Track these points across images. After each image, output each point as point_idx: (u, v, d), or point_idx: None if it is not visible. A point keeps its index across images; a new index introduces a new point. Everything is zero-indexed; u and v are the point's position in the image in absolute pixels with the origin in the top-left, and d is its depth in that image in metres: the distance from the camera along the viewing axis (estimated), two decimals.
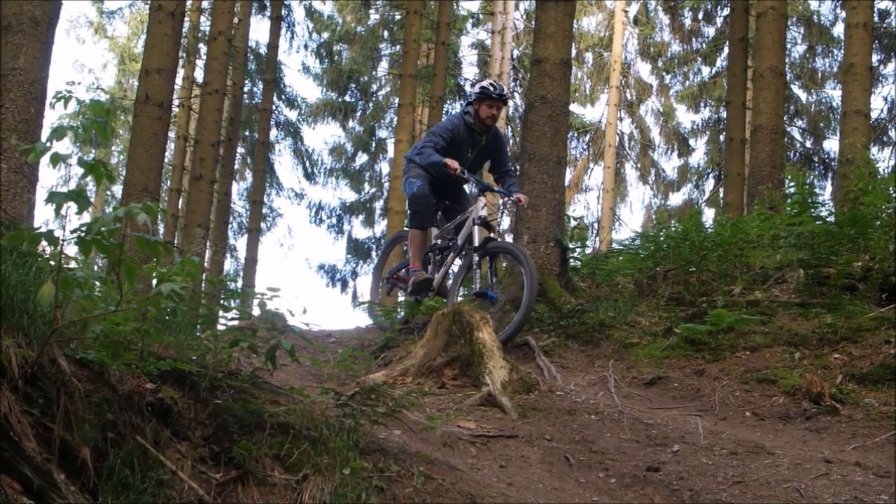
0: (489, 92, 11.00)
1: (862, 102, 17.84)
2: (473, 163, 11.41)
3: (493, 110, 11.07)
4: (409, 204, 11.56)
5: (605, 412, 8.53)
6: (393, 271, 12.28)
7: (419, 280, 11.12)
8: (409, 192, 11.28)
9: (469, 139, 11.16)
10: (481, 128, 11.16)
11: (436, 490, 5.72)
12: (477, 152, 11.35)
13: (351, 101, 40.84)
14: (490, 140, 11.33)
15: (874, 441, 7.83)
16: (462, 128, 11.12)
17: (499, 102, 11.10)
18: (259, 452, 5.18)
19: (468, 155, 11.25)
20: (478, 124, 11.14)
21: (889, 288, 10.88)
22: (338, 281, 41.38)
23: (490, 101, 11.02)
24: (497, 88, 11.10)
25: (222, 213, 29.95)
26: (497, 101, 11.07)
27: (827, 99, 36.48)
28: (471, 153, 11.28)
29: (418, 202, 11.14)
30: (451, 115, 12.01)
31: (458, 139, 11.08)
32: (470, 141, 11.18)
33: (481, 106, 11.05)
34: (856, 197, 13.52)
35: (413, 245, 11.32)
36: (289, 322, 6.02)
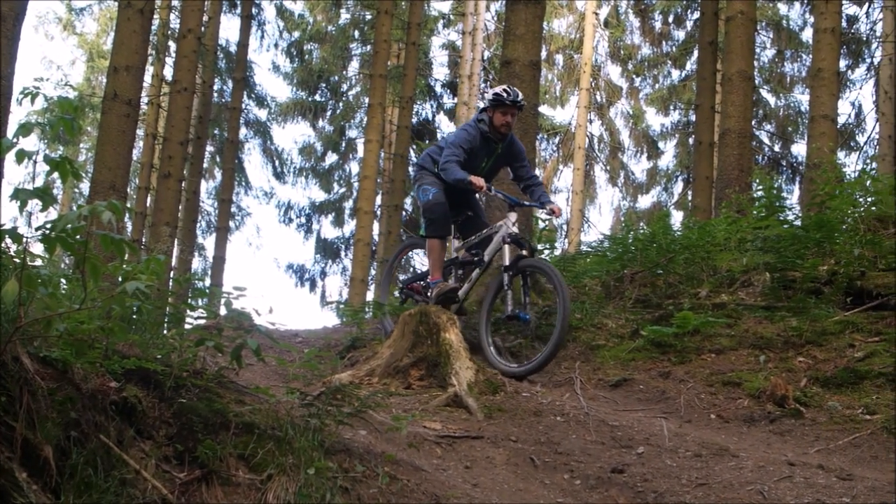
0: (503, 99, 10.37)
1: (829, 107, 17.95)
2: (489, 172, 10.83)
3: (508, 117, 10.45)
4: (423, 212, 10.83)
5: (570, 414, 8.54)
6: (407, 281, 11.76)
7: (444, 291, 10.41)
8: (423, 199, 10.73)
9: (485, 148, 10.59)
10: (496, 136, 10.55)
11: (400, 491, 5.71)
12: (493, 161, 10.78)
13: (321, 100, 40.85)
14: (506, 148, 10.74)
15: (837, 444, 7.88)
16: (477, 137, 10.52)
17: (513, 109, 10.45)
18: (223, 452, 5.15)
19: (483, 164, 10.69)
20: (493, 132, 10.52)
21: (854, 292, 10.95)
22: (306, 281, 41.41)
23: (504, 108, 10.41)
24: (511, 94, 10.40)
25: (191, 212, 29.87)
26: (511, 108, 10.42)
27: (795, 103, 36.77)
28: (486, 163, 10.71)
29: (434, 210, 10.58)
30: (465, 123, 11.11)
31: (475, 149, 10.51)
32: (485, 150, 10.62)
33: (495, 113, 10.45)
34: (822, 201, 13.61)
35: (432, 255, 10.74)
36: (255, 321, 6.00)
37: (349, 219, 40.36)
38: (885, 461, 7.46)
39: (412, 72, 29.63)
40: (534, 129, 13.07)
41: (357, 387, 7.94)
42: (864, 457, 7.60)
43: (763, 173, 16.76)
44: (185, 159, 24.73)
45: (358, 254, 27.12)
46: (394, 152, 31.06)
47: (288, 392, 6.54)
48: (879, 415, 8.32)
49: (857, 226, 12.58)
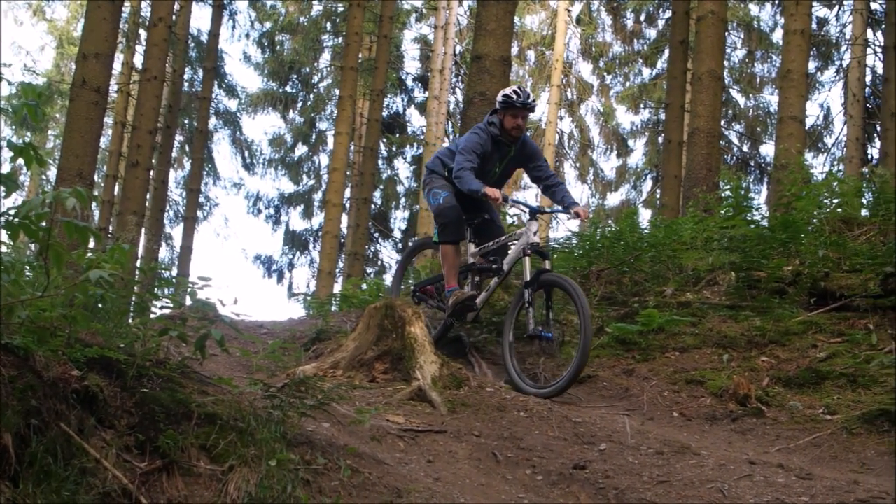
0: (512, 101, 9.85)
1: (798, 108, 18.02)
2: (502, 176, 10.44)
3: (519, 120, 9.94)
4: (435, 217, 10.37)
5: (534, 409, 8.56)
6: (420, 284, 11.25)
7: (461, 299, 9.99)
8: (433, 203, 10.26)
9: (496, 152, 10.14)
10: (508, 139, 10.08)
11: (362, 484, 5.71)
12: (505, 165, 10.33)
13: (292, 91, 40.79)
14: (518, 150, 10.25)
15: (797, 444, 7.93)
16: (489, 139, 10.04)
17: (524, 111, 9.93)
18: (185, 442, 5.14)
19: (496, 169, 10.27)
20: (504, 135, 10.04)
21: (818, 293, 11.01)
22: (274, 272, 41.36)
23: (514, 111, 9.90)
24: (521, 96, 9.88)
25: (158, 201, 29.75)
26: (522, 110, 9.91)
27: (765, 104, 36.92)
28: (498, 167, 10.27)
29: (446, 214, 10.11)
30: (475, 126, 10.41)
31: (486, 153, 10.03)
32: (497, 153, 10.16)
33: (506, 116, 9.96)
34: (789, 202, 13.69)
35: (446, 262, 10.25)
36: (220, 312, 5.99)
37: (318, 211, 40.35)
38: (844, 461, 7.52)
39: (383, 65, 29.60)
40: None
41: (321, 379, 7.92)
42: (823, 456, 7.65)
43: (730, 173, 16.85)
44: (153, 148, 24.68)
45: (326, 246, 27.10)
46: (364, 145, 31.02)
47: (251, 383, 6.54)
48: (840, 415, 8.38)
49: (822, 227, 12.67)
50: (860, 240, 12.40)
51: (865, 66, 29.13)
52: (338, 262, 30.58)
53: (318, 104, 41.01)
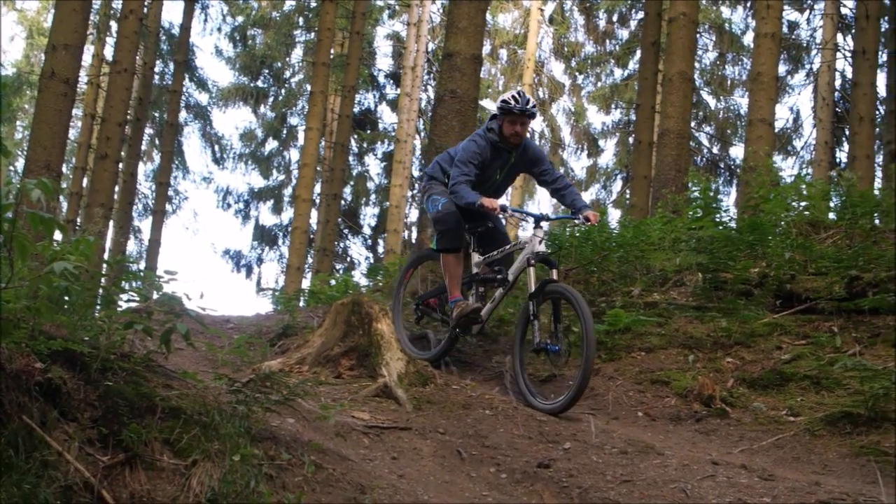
0: (510, 107, 9.40)
1: (767, 111, 18.10)
2: (504, 183, 10.10)
3: (518, 127, 9.48)
4: (433, 224, 10.00)
5: (499, 407, 8.58)
6: (423, 297, 10.70)
7: (465, 312, 9.53)
8: (432, 210, 9.87)
9: (497, 159, 9.70)
10: (507, 146, 9.64)
11: (326, 480, 5.71)
12: (507, 172, 9.90)
13: (263, 86, 40.68)
14: (520, 156, 9.80)
15: (760, 444, 7.98)
16: (488, 147, 9.60)
17: (523, 118, 9.46)
18: (148, 436, 5.12)
19: (497, 177, 9.86)
20: (503, 143, 9.60)
21: (784, 295, 11.07)
22: (243, 267, 41.25)
23: (513, 117, 9.44)
24: (520, 102, 9.42)
25: (127, 194, 29.67)
26: (521, 117, 9.44)
27: (735, 106, 37.07)
28: (500, 174, 9.86)
29: (444, 220, 9.70)
30: (474, 133, 9.99)
31: (486, 161, 9.61)
32: (498, 161, 9.72)
33: (504, 122, 9.51)
34: (756, 204, 13.75)
35: (447, 271, 9.83)
36: (186, 306, 5.96)
37: (288, 206, 40.23)
38: (806, 462, 7.57)
39: (355, 61, 29.55)
40: (473, 122, 13.07)
41: (287, 374, 7.91)
42: (786, 458, 7.70)
43: (699, 174, 16.90)
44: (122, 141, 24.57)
45: (295, 241, 27.06)
46: (334, 141, 30.92)
47: (216, 378, 6.51)
48: (803, 417, 8.44)
49: (789, 229, 12.73)
50: (826, 243, 12.47)
51: (835, 71, 29.31)
52: (307, 257, 30.51)
53: (290, 99, 40.91)
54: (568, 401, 8.50)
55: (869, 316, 10.25)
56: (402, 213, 34.25)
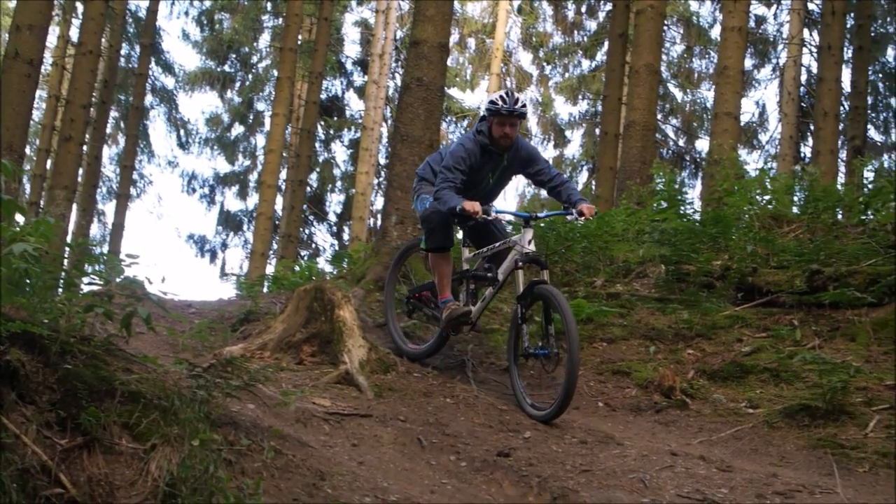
0: (497, 108, 8.86)
1: (733, 105, 18.19)
2: (497, 186, 9.53)
3: (506, 128, 8.95)
4: (421, 223, 9.62)
5: (460, 396, 8.61)
6: (414, 290, 10.15)
7: (455, 314, 9.12)
8: (420, 209, 9.52)
9: (488, 161, 9.19)
10: (498, 148, 9.10)
11: (285, 465, 5.71)
12: (500, 174, 9.38)
13: (230, 71, 40.50)
14: (512, 157, 9.26)
15: (719, 436, 8.04)
16: (477, 150, 9.09)
17: (511, 118, 8.92)
18: (107, 420, 5.09)
19: (489, 180, 9.33)
20: (493, 145, 9.07)
21: (745, 287, 11.14)
22: (207, 252, 41.10)
23: (501, 118, 8.90)
24: (508, 102, 8.87)
25: (91, 177, 29.49)
26: (509, 118, 8.90)
27: (702, 99, 37.20)
28: (492, 178, 9.33)
29: (431, 219, 9.22)
30: (463, 136, 9.52)
31: (476, 164, 9.11)
32: (490, 164, 9.21)
33: (493, 124, 8.99)
34: (720, 197, 13.83)
35: (437, 271, 9.43)
36: (147, 290, 5.94)
37: (253, 192, 40.09)
38: (764, 454, 7.64)
39: (323, 47, 29.48)
40: (439, 110, 13.07)
41: (248, 360, 7.88)
42: (744, 449, 7.76)
43: (663, 166, 16.95)
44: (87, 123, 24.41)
45: (260, 227, 26.97)
46: (301, 127, 30.84)
47: (176, 362, 6.48)
48: (762, 409, 8.51)
49: (752, 223, 12.81)
50: (789, 237, 12.55)
51: (801, 66, 29.47)
52: (271, 243, 30.44)
53: (257, 85, 40.74)
54: (554, 411, 8.09)
55: (829, 310, 10.34)
56: (367, 200, 34.18)
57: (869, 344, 9.55)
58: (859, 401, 8.35)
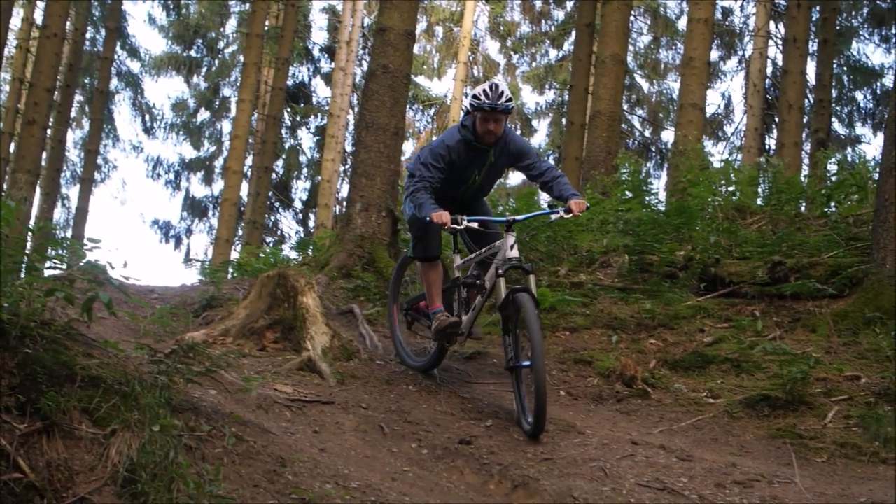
0: (480, 103, 8.24)
1: (698, 96, 18.25)
2: (485, 183, 8.93)
3: (491, 124, 8.32)
4: (409, 228, 9.21)
5: (422, 384, 8.63)
6: (411, 301, 9.41)
7: (444, 325, 8.47)
8: (407, 213, 8.87)
9: (474, 158, 8.57)
10: (483, 144, 8.49)
11: (246, 452, 5.71)
12: (487, 171, 8.72)
13: (196, 56, 40.27)
14: (500, 153, 8.65)
15: (680, 425, 8.08)
16: (460, 146, 8.50)
17: (495, 114, 8.28)
18: (67, 405, 5.07)
19: (476, 177, 8.71)
20: (478, 141, 8.46)
21: (708, 278, 11.20)
22: (172, 237, 40.88)
23: (484, 114, 8.28)
24: (491, 97, 8.23)
25: (55, 161, 29.28)
26: (492, 113, 8.26)
27: (668, 90, 37.32)
28: (478, 175, 8.70)
29: (417, 225, 8.65)
30: (450, 128, 8.90)
31: (459, 161, 8.53)
32: (476, 160, 8.59)
33: (477, 119, 8.36)
34: (685, 188, 13.88)
35: (425, 281, 8.84)
36: (109, 274, 5.91)
37: (218, 177, 39.91)
38: (724, 444, 7.68)
39: (290, 33, 29.38)
40: (404, 98, 13.08)
41: (210, 346, 7.88)
42: (704, 439, 7.80)
43: (629, 157, 17.02)
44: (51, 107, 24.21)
45: (224, 213, 26.88)
46: (267, 113, 30.73)
47: (137, 348, 6.47)
48: (723, 399, 8.56)
49: (716, 214, 12.87)
50: (752, 228, 12.64)
51: (767, 58, 29.58)
52: (237, 230, 30.34)
53: (223, 70, 40.54)
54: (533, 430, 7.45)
55: (790, 301, 10.43)
56: (333, 187, 34.08)
57: (829, 335, 9.62)
58: (819, 391, 8.43)
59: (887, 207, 10.06)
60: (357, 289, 11.40)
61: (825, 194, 14.06)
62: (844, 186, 13.80)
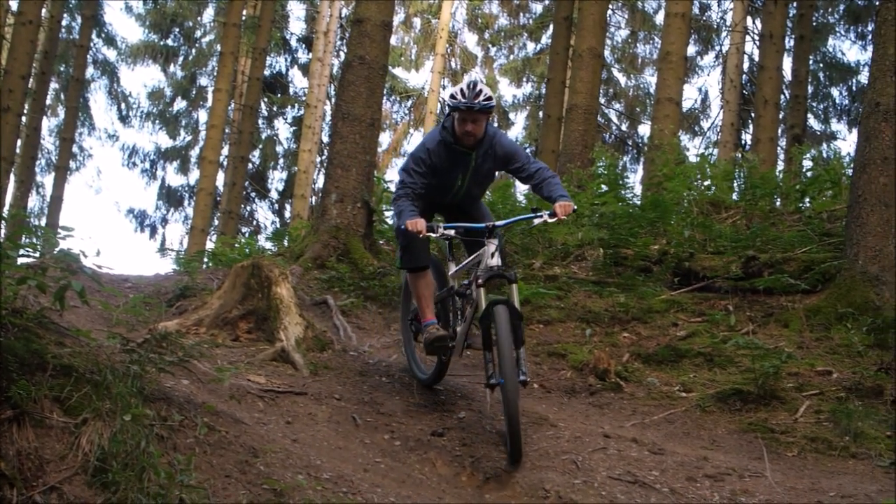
0: (456, 103, 7.71)
1: (675, 90, 18.29)
2: (472, 187, 8.29)
3: (469, 125, 7.75)
4: (396, 237, 8.60)
5: (396, 375, 8.64)
6: (415, 311, 8.66)
7: (431, 338, 7.88)
8: (393, 224, 8.69)
9: (456, 161, 8.01)
10: (464, 147, 7.94)
11: (218, 442, 5.71)
12: (472, 175, 8.11)
13: (173, 45, 40.09)
14: (483, 157, 8.04)
15: (652, 419, 8.11)
16: (441, 149, 7.97)
17: (472, 114, 7.71)
18: (38, 393, 5.07)
19: (459, 183, 8.13)
20: (458, 143, 7.91)
21: (682, 272, 11.25)
22: (147, 227, 40.70)
23: (461, 114, 7.74)
24: (468, 96, 7.67)
25: (30, 149, 29.10)
26: (468, 113, 7.70)
27: (645, 84, 37.34)
28: (462, 180, 8.12)
29: (404, 235, 7.94)
30: (431, 130, 8.45)
31: (441, 164, 7.99)
32: (459, 164, 8.02)
33: (455, 120, 7.84)
34: (660, 182, 13.91)
35: (415, 292, 8.30)
36: (82, 263, 5.89)
37: (194, 167, 39.79)
38: (696, 437, 7.72)
39: (267, 23, 29.29)
40: (381, 89, 13.05)
41: (183, 336, 7.87)
42: (676, 432, 7.84)
43: (606, 151, 17.04)
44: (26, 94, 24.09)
45: (200, 203, 26.80)
46: (244, 103, 30.64)
47: (110, 337, 6.46)
48: (695, 393, 8.60)
49: (691, 208, 12.91)
50: (726, 223, 12.68)
51: (744, 54, 29.61)
52: (212, 219, 30.26)
53: (200, 59, 40.38)
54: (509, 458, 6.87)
55: (763, 296, 10.47)
56: (310, 178, 34.00)
57: (802, 330, 9.67)
58: (790, 386, 8.48)
59: (861, 204, 10.13)
60: (331, 280, 11.38)
61: (800, 190, 14.13)
62: (819, 182, 13.88)
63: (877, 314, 9.51)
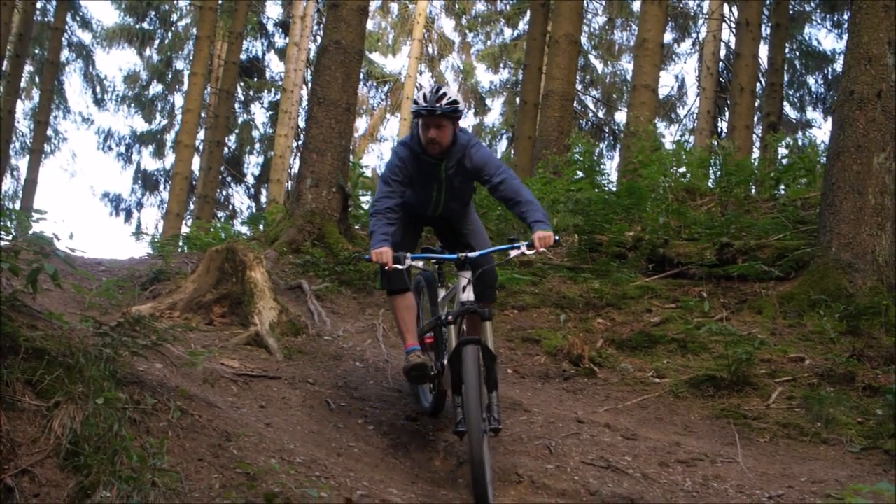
0: (418, 107, 7.03)
1: (651, 77, 18.31)
2: (451, 199, 7.49)
3: (431, 131, 7.02)
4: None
5: (370, 360, 8.63)
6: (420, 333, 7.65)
7: (409, 366, 7.04)
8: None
9: (428, 172, 7.29)
10: (429, 155, 7.19)
11: (191, 426, 5.70)
12: (447, 188, 7.36)
13: (149, 28, 39.89)
14: (454, 168, 7.26)
15: (625, 405, 8.14)
16: (411, 158, 7.25)
17: (433, 119, 6.98)
18: (10, 376, 5.05)
19: (433, 195, 7.40)
20: (423, 152, 7.18)
21: (656, 259, 11.29)
22: (122, 211, 40.54)
23: (424, 120, 7.05)
24: (429, 99, 6.97)
25: (4, 132, 28.92)
26: (430, 118, 6.99)
27: (622, 71, 37.37)
28: (437, 192, 7.38)
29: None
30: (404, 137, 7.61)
31: (414, 175, 7.29)
32: (430, 175, 7.30)
33: (419, 127, 7.16)
34: (635, 169, 13.94)
35: (396, 315, 7.46)
36: (55, 246, 5.87)
37: (170, 151, 39.66)
38: (668, 423, 7.76)
39: (244, 7, 29.22)
40: (357, 74, 13.02)
41: (156, 319, 7.83)
42: (649, 418, 7.87)
43: (582, 137, 17.07)
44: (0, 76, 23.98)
45: (175, 187, 26.73)
46: (220, 87, 30.56)
47: (82, 320, 6.43)
48: (668, 378, 8.64)
49: (666, 195, 12.95)
50: (701, 210, 12.73)
51: (720, 41, 29.68)
52: (188, 204, 30.21)
53: (176, 43, 40.21)
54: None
55: (737, 282, 10.54)
56: (286, 163, 33.91)
57: (775, 317, 9.73)
58: (763, 372, 8.53)
59: (834, 191, 10.19)
60: (306, 264, 11.36)
61: (774, 177, 14.19)
62: (794, 170, 13.94)
63: (849, 301, 9.57)
